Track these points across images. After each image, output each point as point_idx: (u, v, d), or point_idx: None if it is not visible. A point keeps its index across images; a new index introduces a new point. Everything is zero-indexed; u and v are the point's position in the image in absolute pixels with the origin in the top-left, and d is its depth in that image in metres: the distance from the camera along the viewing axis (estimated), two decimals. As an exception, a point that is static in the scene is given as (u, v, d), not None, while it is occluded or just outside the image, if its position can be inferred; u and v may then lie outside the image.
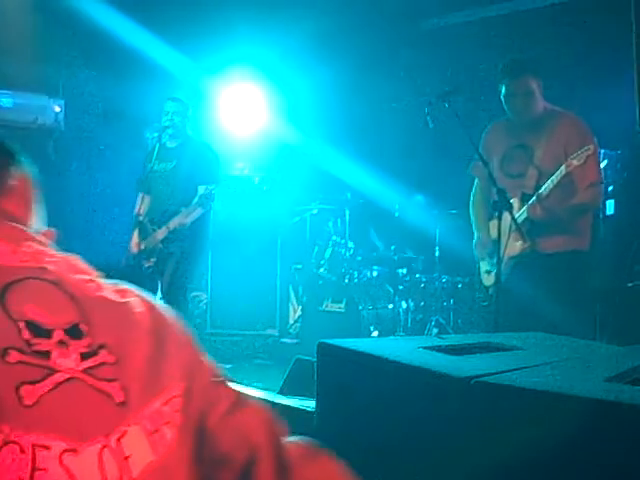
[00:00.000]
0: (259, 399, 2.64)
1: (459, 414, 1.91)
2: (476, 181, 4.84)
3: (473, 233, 4.83)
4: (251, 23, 7.03)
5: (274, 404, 2.57)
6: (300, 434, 2.44)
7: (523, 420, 1.79)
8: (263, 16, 6.94)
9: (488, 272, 4.72)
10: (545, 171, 4.28)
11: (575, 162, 4.10)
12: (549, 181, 4.22)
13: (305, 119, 7.89)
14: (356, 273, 6.96)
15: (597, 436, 1.65)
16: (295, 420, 2.53)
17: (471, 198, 4.90)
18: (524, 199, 4.34)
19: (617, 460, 1.60)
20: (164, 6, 6.81)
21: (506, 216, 4.10)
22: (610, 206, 6.02)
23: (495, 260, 4.40)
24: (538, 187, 4.29)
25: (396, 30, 7.28)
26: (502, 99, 4.44)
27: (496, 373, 1.96)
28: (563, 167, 4.13)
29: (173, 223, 5.46)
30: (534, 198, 4.29)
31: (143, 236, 5.58)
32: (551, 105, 4.48)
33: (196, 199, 5.42)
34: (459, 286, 6.81)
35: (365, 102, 7.60)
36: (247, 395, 2.84)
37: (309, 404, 2.42)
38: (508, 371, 2.01)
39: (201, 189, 5.43)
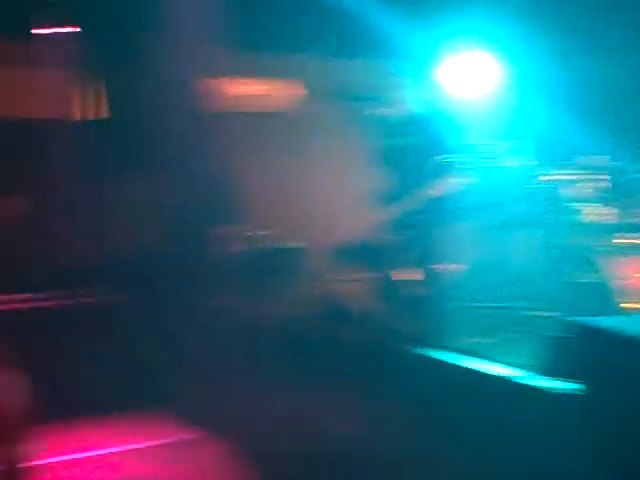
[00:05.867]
0: (509, 379, 2.49)
1: None
2: None
3: None
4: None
5: (528, 387, 2.44)
6: (565, 419, 2.26)
7: None
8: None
9: None
10: None
11: None
12: None
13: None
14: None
15: None
16: (554, 403, 2.36)
17: None
18: None
19: None
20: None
21: None
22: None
23: None
24: None
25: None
26: None
27: None
28: None
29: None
30: None
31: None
32: None
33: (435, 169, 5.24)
34: None
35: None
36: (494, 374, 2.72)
37: (568, 386, 2.25)
38: None
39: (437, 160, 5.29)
